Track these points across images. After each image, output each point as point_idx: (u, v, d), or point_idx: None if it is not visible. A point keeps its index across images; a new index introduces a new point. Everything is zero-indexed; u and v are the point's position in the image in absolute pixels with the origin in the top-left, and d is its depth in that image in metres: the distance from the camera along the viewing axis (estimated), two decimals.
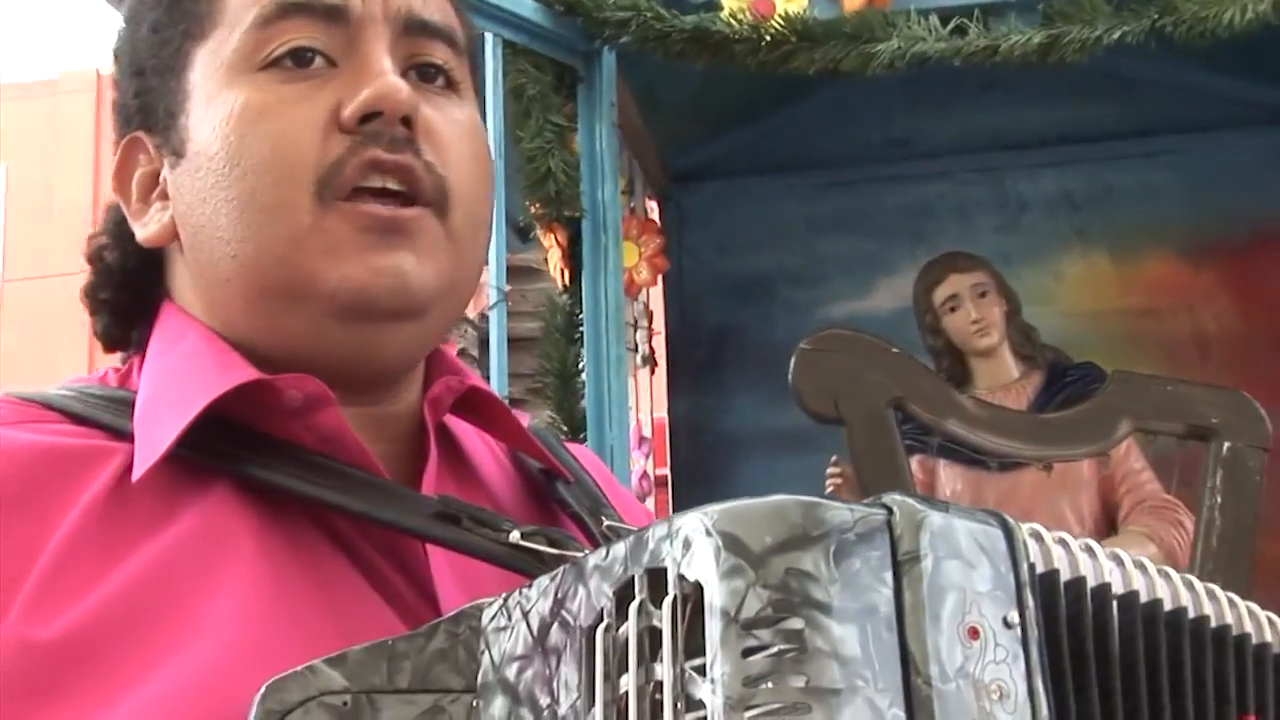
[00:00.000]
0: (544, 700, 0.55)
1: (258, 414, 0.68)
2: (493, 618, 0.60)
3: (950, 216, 3.85)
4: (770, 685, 0.47)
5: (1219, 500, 2.21)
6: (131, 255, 0.77)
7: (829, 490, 2.79)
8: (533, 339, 2.68)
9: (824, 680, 0.47)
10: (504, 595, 0.60)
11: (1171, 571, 0.58)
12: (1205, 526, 2.23)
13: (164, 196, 0.74)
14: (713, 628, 0.48)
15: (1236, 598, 0.59)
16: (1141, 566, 0.57)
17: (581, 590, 0.55)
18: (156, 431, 0.67)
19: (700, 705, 0.48)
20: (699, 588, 0.49)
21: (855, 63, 2.22)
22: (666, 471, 3.97)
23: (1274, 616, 0.60)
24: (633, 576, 0.53)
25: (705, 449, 3.91)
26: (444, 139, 0.72)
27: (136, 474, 0.65)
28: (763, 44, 2.27)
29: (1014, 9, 2.28)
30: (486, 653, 0.59)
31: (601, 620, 0.53)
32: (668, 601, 0.50)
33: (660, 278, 3.45)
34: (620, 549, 0.54)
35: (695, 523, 0.51)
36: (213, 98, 0.70)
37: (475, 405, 0.79)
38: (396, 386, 0.75)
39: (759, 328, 3.89)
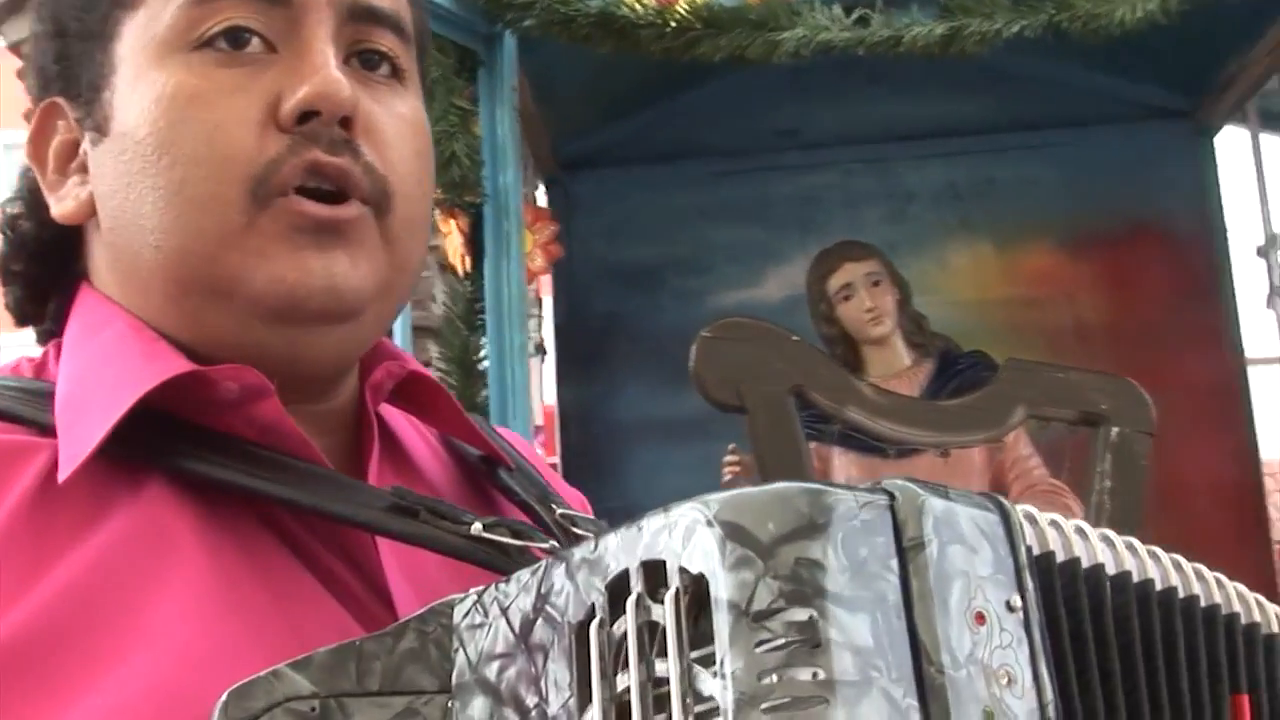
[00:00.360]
0: (530, 699, 0.53)
1: (191, 407, 0.65)
2: (466, 614, 0.57)
3: (838, 206, 3.91)
4: (784, 678, 0.45)
5: (1108, 484, 2.27)
6: (48, 227, 0.73)
7: (726, 478, 2.80)
8: (427, 328, 2.63)
9: (839, 672, 0.45)
10: (477, 591, 0.57)
11: (1160, 552, 0.58)
12: (1095, 510, 2.28)
13: (83, 170, 0.70)
14: (721, 621, 0.46)
15: (1224, 578, 0.59)
16: (1131, 547, 0.57)
17: (568, 584, 0.53)
18: (82, 427, 0.63)
19: (709, 700, 0.46)
20: (702, 580, 0.47)
21: (760, 50, 2.22)
22: (556, 460, 3.95)
23: (1260, 597, 0.60)
24: (627, 570, 0.50)
25: (594, 437, 3.91)
26: (385, 135, 0.68)
27: (63, 473, 0.61)
28: (668, 30, 2.26)
29: (915, 1, 2.31)
30: (461, 651, 0.57)
31: (594, 615, 0.51)
32: (669, 595, 0.48)
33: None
34: (612, 541, 0.52)
35: (695, 513, 0.49)
36: (141, 75, 0.66)
37: (413, 391, 0.76)
38: (332, 384, 0.72)
39: (648, 316, 3.89)
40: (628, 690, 0.49)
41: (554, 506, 0.76)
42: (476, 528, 0.66)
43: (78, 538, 0.60)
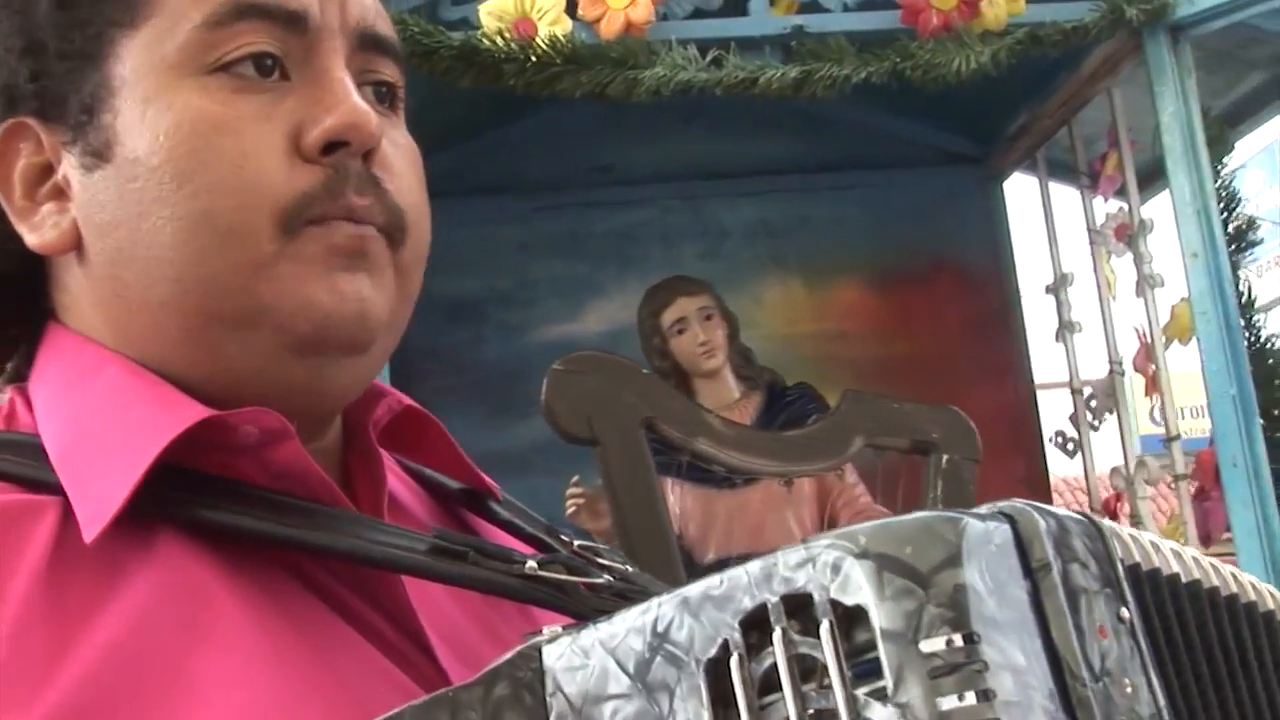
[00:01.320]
0: None
1: (201, 453, 0.61)
2: (560, 656, 0.56)
3: (655, 242, 3.99)
4: (960, 703, 0.46)
5: (940, 509, 2.37)
6: (12, 259, 0.67)
7: (570, 510, 2.79)
8: None
9: (1006, 693, 0.47)
10: (567, 632, 0.56)
11: (1216, 562, 0.61)
12: None
13: (57, 196, 0.65)
14: (889, 651, 0.47)
15: (1255, 579, 0.63)
16: (1195, 559, 0.60)
17: (689, 621, 0.52)
18: (98, 483, 0.59)
19: None
20: (859, 611, 0.48)
21: (620, 88, 2.25)
22: None
23: (1274, 589, 0.65)
24: (764, 604, 0.50)
25: None
26: (397, 167, 0.67)
27: (89, 534, 0.57)
28: (529, 64, 2.25)
29: (767, 43, 2.38)
30: (559, 694, 0.55)
31: (729, 651, 0.50)
32: (824, 628, 0.48)
33: None
34: (741, 576, 0.52)
35: (839, 547, 0.49)
36: (152, 99, 0.63)
37: (403, 427, 0.75)
38: (328, 423, 0.70)
39: (471, 349, 3.86)
40: None
41: (565, 537, 0.75)
42: (531, 566, 0.65)
43: (105, 599, 0.57)
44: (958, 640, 0.47)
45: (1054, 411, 3.82)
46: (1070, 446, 3.70)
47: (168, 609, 0.57)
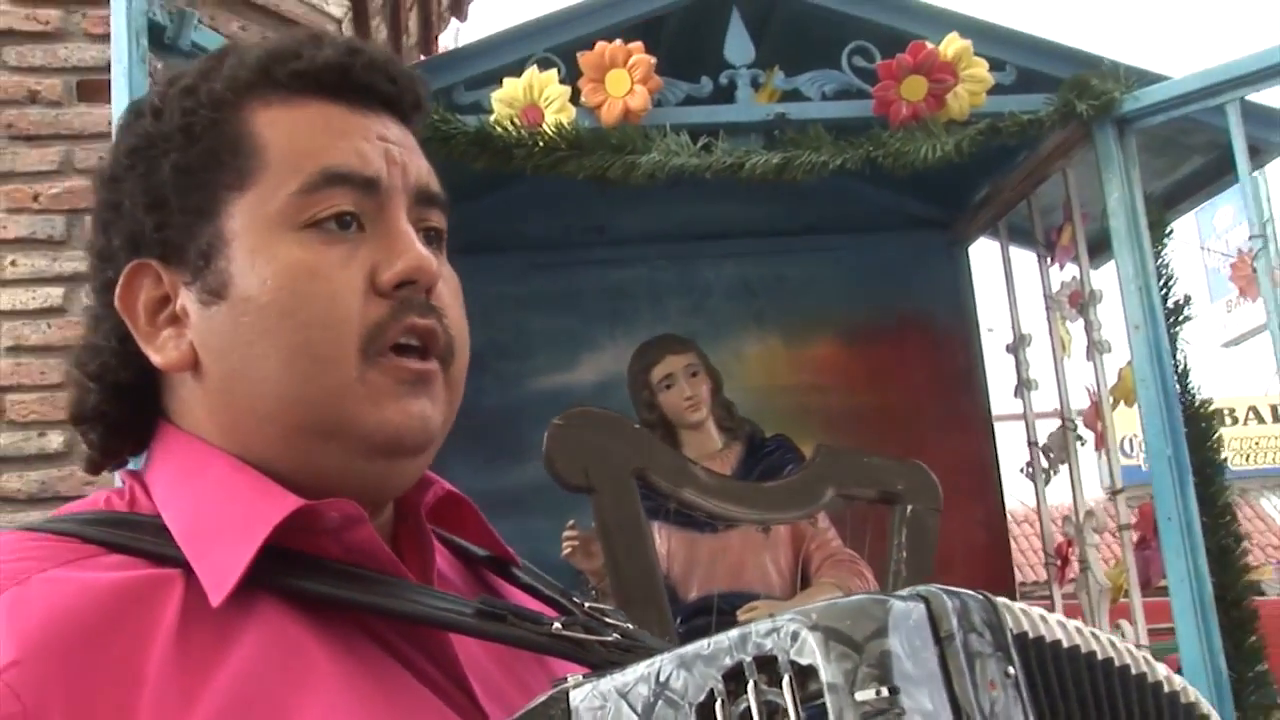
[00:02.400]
0: None
1: (293, 533, 0.72)
2: (584, 698, 0.68)
3: (644, 299, 4.11)
4: None
5: (904, 555, 2.52)
6: (132, 371, 0.79)
7: (566, 551, 2.91)
8: None
9: None
10: (588, 679, 0.68)
11: (1091, 629, 0.75)
12: (893, 577, 2.53)
13: (174, 323, 0.77)
14: (832, 700, 0.61)
15: (1129, 645, 0.77)
16: (1077, 628, 0.74)
17: (684, 674, 0.66)
18: (218, 557, 0.70)
19: None
20: (811, 669, 0.62)
21: (619, 171, 2.40)
22: None
23: (1147, 654, 0.78)
24: (741, 662, 0.64)
25: None
26: (446, 299, 0.79)
27: (216, 600, 0.69)
28: (536, 149, 2.40)
29: (752, 129, 2.54)
30: None
31: (714, 698, 0.64)
32: (786, 681, 0.62)
33: None
34: (723, 640, 0.65)
35: (797, 621, 0.63)
36: (258, 250, 0.75)
37: (443, 507, 0.86)
38: (385, 507, 0.82)
39: (471, 398, 3.84)
40: None
41: (576, 600, 0.87)
42: (556, 627, 0.78)
43: (223, 653, 0.68)
44: (884, 691, 0.61)
45: (1016, 445, 3.93)
46: (1029, 472, 3.80)
47: (273, 661, 0.69)
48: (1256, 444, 13.89)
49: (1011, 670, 0.66)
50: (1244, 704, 2.53)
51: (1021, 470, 3.81)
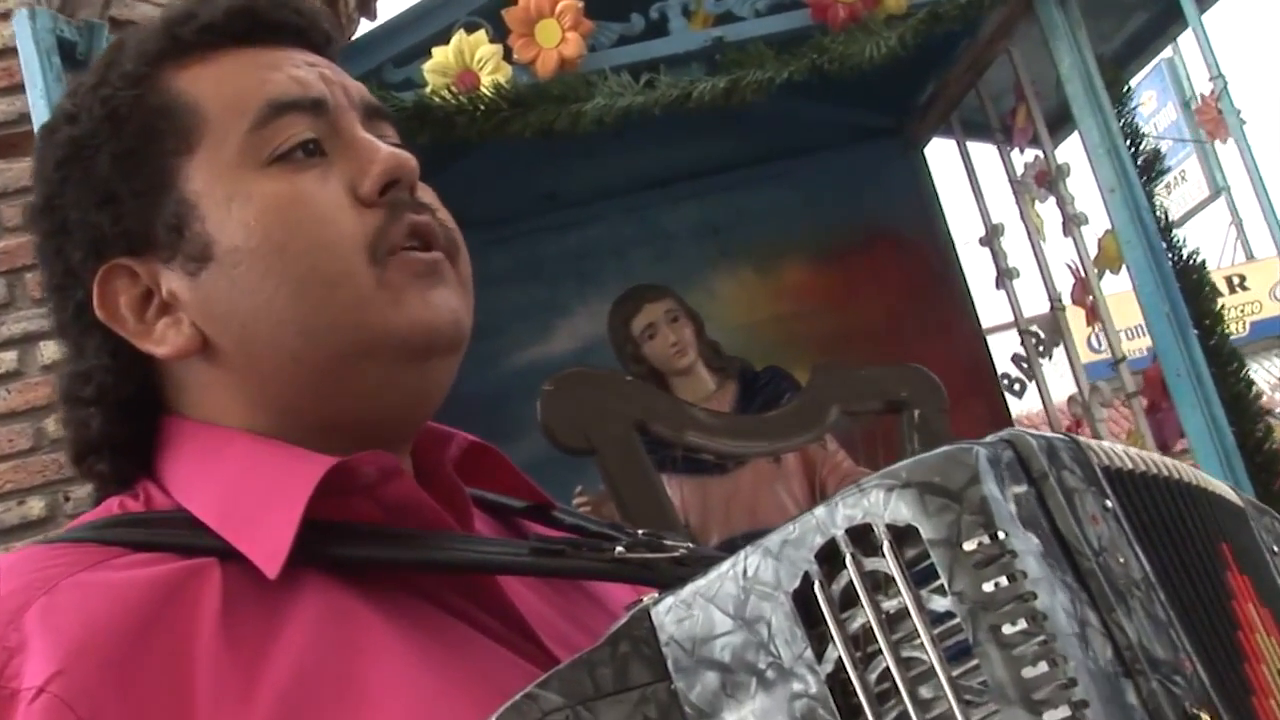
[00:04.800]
0: (761, 661, 0.62)
1: (325, 497, 0.69)
2: (668, 609, 0.65)
3: (608, 256, 4.08)
4: (1000, 586, 0.57)
5: None
6: (132, 384, 0.76)
7: None
8: None
9: (1034, 572, 0.58)
10: (673, 592, 0.65)
11: (1167, 460, 0.73)
12: None
13: (166, 310, 0.74)
14: (939, 555, 0.58)
15: (1175, 463, 0.75)
16: (1149, 458, 0.72)
17: (771, 563, 0.63)
18: (262, 531, 0.68)
19: (949, 616, 0.57)
20: (911, 530, 0.59)
21: (566, 122, 2.35)
22: None
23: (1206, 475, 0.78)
24: (833, 538, 0.61)
25: None
26: (430, 199, 0.78)
27: (272, 572, 0.66)
28: (478, 114, 2.35)
29: (692, 58, 2.50)
30: (672, 643, 0.64)
31: (811, 581, 0.61)
32: (886, 547, 0.59)
33: None
34: (809, 519, 0.62)
35: (884, 482, 0.61)
36: (232, 197, 0.72)
37: (469, 459, 0.83)
38: (408, 447, 0.78)
39: (450, 387, 3.91)
40: (861, 628, 0.60)
41: (629, 530, 0.84)
42: (619, 551, 0.76)
43: (276, 631, 0.65)
44: (989, 539, 0.59)
45: (1003, 354, 3.96)
46: (1018, 386, 3.83)
47: (328, 632, 0.66)
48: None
49: (1109, 503, 0.65)
50: None
51: (1002, 383, 3.82)
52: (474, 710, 0.62)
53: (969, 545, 0.58)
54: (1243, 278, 13.01)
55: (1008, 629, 0.57)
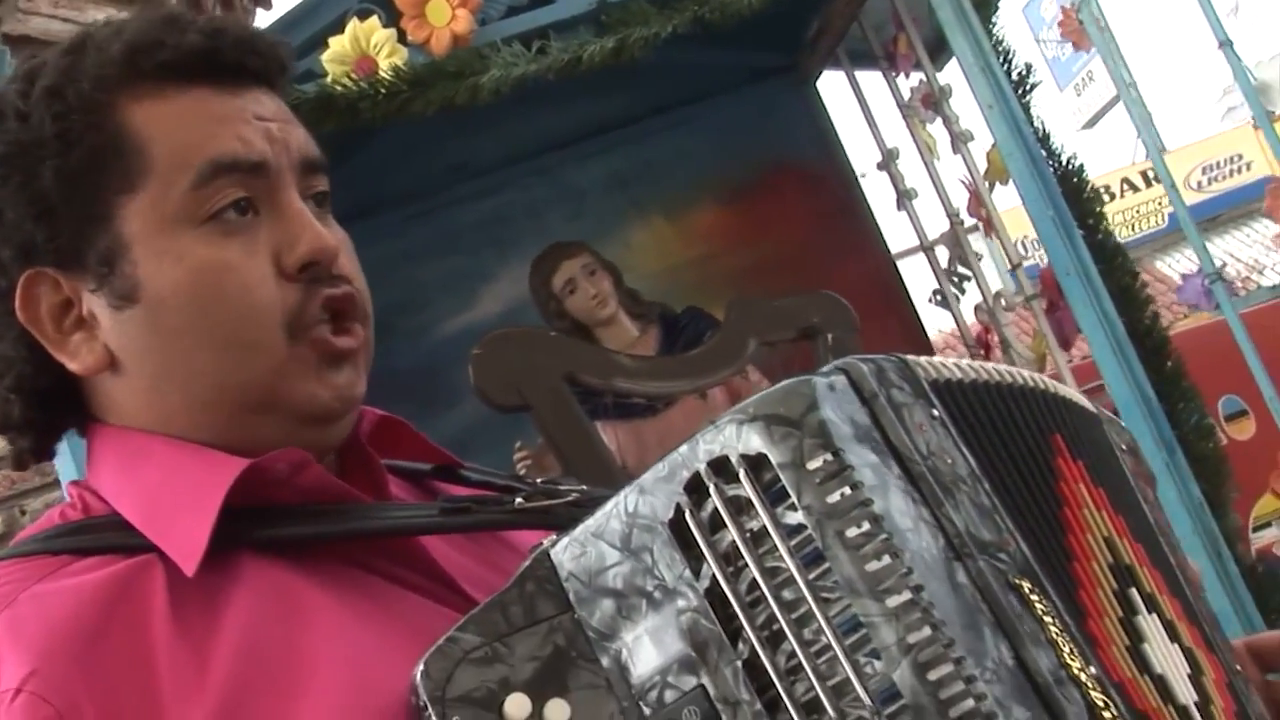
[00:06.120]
0: (648, 584, 0.68)
1: (246, 490, 0.75)
2: (565, 548, 0.71)
3: (523, 219, 4.08)
4: (842, 496, 0.64)
5: None
6: (50, 376, 0.80)
7: (521, 472, 2.94)
8: None
9: (870, 481, 0.64)
10: (568, 534, 0.71)
11: (985, 365, 0.79)
12: None
13: (81, 326, 0.78)
14: (788, 476, 0.65)
15: (1014, 370, 0.81)
16: (979, 366, 0.79)
17: (648, 499, 0.69)
18: (180, 532, 0.73)
19: (801, 529, 0.64)
20: (762, 457, 0.66)
21: (465, 96, 2.39)
22: None
23: (1039, 376, 0.84)
24: (696, 471, 0.67)
25: None
26: (347, 266, 0.82)
27: (189, 570, 0.71)
28: (380, 97, 2.38)
29: (580, 22, 2.54)
30: (572, 579, 0.70)
31: (682, 511, 0.68)
32: (742, 475, 0.66)
33: None
34: (675, 457, 0.69)
35: (734, 418, 0.67)
36: (164, 251, 0.76)
37: (378, 432, 0.89)
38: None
39: (384, 361, 3.84)
40: (728, 546, 0.66)
41: (528, 481, 0.90)
42: (519, 502, 0.82)
43: (220, 615, 0.70)
44: (830, 457, 0.65)
45: (923, 274, 4.03)
46: (939, 298, 3.92)
47: (269, 607, 0.72)
48: (1138, 212, 14.18)
49: (935, 411, 0.71)
50: (1179, 423, 2.66)
51: (930, 300, 3.90)
52: (411, 660, 0.67)
53: (812, 465, 0.65)
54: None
55: (852, 532, 0.64)
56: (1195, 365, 2.77)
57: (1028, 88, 2.81)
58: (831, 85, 4.17)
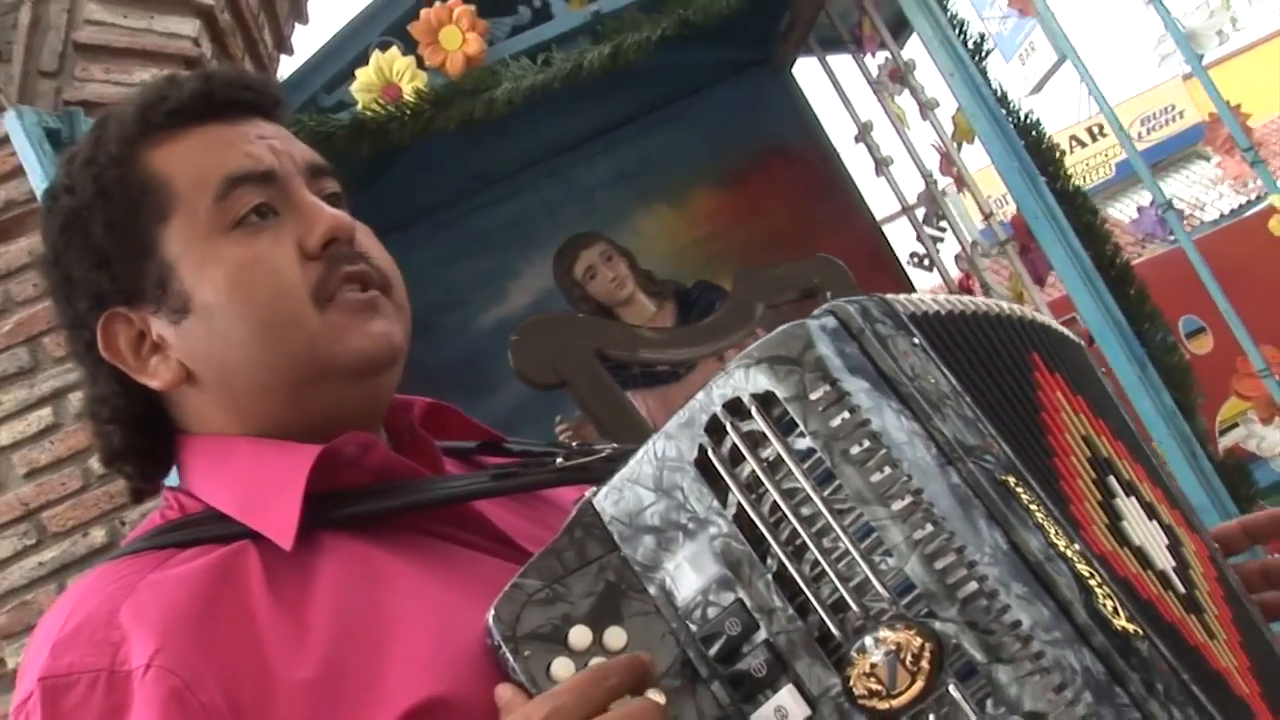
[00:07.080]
0: (683, 518, 0.69)
1: (318, 475, 0.76)
2: (605, 496, 0.72)
3: (541, 218, 4.10)
4: (843, 419, 0.65)
5: None
6: (140, 404, 0.82)
7: None
8: None
9: (866, 405, 0.65)
10: (606, 483, 0.72)
11: (963, 298, 0.79)
12: None
13: (156, 351, 0.80)
14: (794, 408, 0.66)
15: (990, 300, 0.82)
16: (955, 299, 0.79)
17: (674, 444, 0.70)
18: (274, 514, 0.74)
19: (811, 452, 0.65)
20: (769, 395, 0.67)
21: (482, 110, 2.41)
22: None
23: (1014, 304, 0.85)
24: (714, 413, 0.69)
25: None
26: (366, 244, 0.83)
27: (287, 545, 0.73)
28: (406, 119, 2.40)
29: (578, 34, 2.55)
30: (615, 522, 0.71)
31: (705, 450, 0.69)
32: (754, 411, 0.67)
33: None
34: (694, 404, 0.69)
35: (741, 363, 0.68)
36: (204, 262, 0.78)
37: (428, 418, 0.90)
38: (380, 425, 0.85)
39: (430, 356, 3.96)
40: (749, 476, 0.68)
41: (563, 445, 0.91)
42: (559, 462, 0.84)
43: (312, 586, 0.72)
44: (829, 387, 0.66)
45: (907, 237, 4.02)
46: (926, 262, 3.91)
47: (353, 576, 0.73)
48: (1087, 165, 14.00)
49: (916, 340, 0.71)
50: (1147, 341, 2.65)
51: (909, 262, 3.89)
52: (481, 608, 0.69)
53: (815, 395, 0.66)
54: (1100, 126, 13.07)
55: (855, 450, 0.65)
56: (1154, 292, 2.76)
57: (984, 54, 2.79)
58: (806, 71, 4.16)
